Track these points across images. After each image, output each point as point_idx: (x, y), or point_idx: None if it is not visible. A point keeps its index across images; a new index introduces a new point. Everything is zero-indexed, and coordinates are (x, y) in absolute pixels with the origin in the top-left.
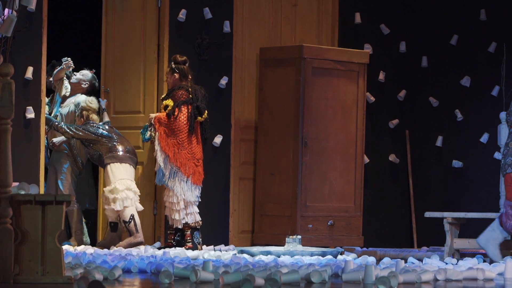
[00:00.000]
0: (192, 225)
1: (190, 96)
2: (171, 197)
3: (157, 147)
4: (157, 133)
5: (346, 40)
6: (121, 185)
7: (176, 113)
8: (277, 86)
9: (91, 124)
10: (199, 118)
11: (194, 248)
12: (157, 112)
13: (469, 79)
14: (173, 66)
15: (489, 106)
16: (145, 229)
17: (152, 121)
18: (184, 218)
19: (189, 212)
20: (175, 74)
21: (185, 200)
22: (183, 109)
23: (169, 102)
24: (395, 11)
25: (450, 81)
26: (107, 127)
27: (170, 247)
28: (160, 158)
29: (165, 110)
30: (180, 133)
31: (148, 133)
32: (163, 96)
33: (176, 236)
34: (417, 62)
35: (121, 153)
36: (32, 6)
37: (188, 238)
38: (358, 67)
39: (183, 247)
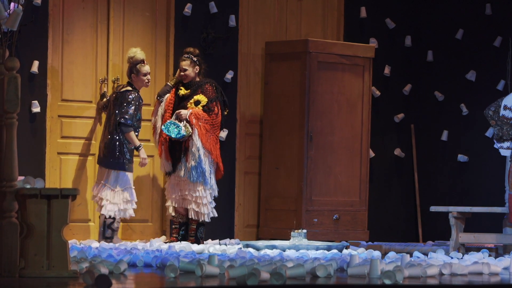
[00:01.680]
0: (201, 220)
1: (215, 90)
2: (198, 191)
3: (197, 142)
4: (195, 129)
5: (351, 35)
6: None
7: (216, 110)
8: (283, 80)
9: None
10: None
11: (196, 243)
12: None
13: (474, 73)
14: (195, 59)
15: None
16: (154, 222)
17: (187, 117)
18: (211, 212)
19: (212, 206)
20: (197, 67)
21: (211, 194)
22: (218, 104)
23: (202, 98)
24: (401, 6)
25: (456, 76)
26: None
27: (175, 242)
28: (201, 154)
29: (196, 105)
30: (218, 129)
31: (183, 129)
32: (183, 89)
33: (181, 230)
34: (423, 56)
35: None
36: (38, 0)
37: (192, 233)
38: (364, 62)
39: (187, 241)
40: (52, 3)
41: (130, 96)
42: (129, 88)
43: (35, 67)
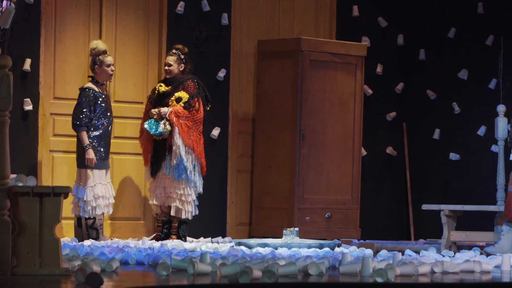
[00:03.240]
0: (183, 218)
1: (197, 86)
2: (183, 189)
3: (177, 141)
4: (175, 128)
5: (344, 33)
6: None
7: (197, 106)
8: (275, 78)
9: None
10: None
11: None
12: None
13: (466, 72)
14: (182, 56)
15: (487, 99)
16: (147, 221)
17: (168, 115)
18: (193, 210)
19: (196, 204)
20: (182, 65)
21: (196, 191)
22: (200, 100)
23: (183, 94)
24: (393, 4)
25: (448, 74)
26: None
27: (158, 239)
28: (182, 152)
29: (177, 102)
30: (201, 125)
31: (162, 127)
32: (163, 86)
33: (164, 228)
34: (415, 55)
35: None
36: None
37: (174, 230)
38: (356, 60)
39: (169, 239)
40: (45, 1)
41: (81, 98)
42: (86, 86)
43: (27, 65)
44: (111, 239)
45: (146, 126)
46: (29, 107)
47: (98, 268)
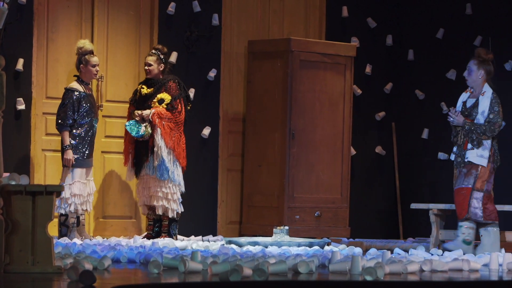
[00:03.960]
0: (171, 216)
1: (179, 87)
2: (168, 188)
3: (159, 142)
4: (158, 129)
5: (333, 34)
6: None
7: (179, 107)
8: (265, 78)
9: None
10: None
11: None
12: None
13: (454, 72)
14: (162, 56)
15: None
16: (138, 219)
17: (150, 117)
18: (179, 207)
19: (180, 202)
20: (162, 65)
21: (180, 190)
22: (182, 101)
23: (165, 96)
24: (382, 5)
25: (436, 74)
26: None
27: (149, 238)
28: (164, 153)
29: (159, 104)
30: (182, 126)
31: (143, 129)
32: (145, 88)
33: (155, 227)
34: (404, 55)
35: None
36: None
37: (165, 229)
38: (345, 60)
39: (159, 238)
40: (37, 1)
41: (65, 99)
42: (70, 86)
43: (20, 64)
44: (92, 238)
45: (127, 127)
46: (21, 106)
47: (90, 266)
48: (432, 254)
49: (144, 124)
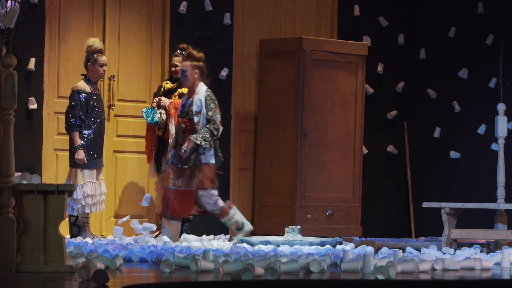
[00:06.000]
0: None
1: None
2: None
3: (173, 132)
4: (172, 119)
5: (345, 32)
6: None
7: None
8: (277, 77)
9: None
10: None
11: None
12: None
13: (466, 71)
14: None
15: (486, 98)
16: (150, 218)
17: (167, 106)
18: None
19: None
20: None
21: None
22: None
23: (186, 91)
24: (394, 4)
25: (448, 73)
26: None
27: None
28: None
29: (179, 98)
30: None
31: (158, 115)
32: (169, 84)
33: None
34: (415, 54)
35: None
36: None
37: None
38: (357, 59)
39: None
40: (49, 1)
41: (73, 100)
42: (78, 88)
43: (31, 64)
44: (94, 237)
45: (144, 113)
46: (33, 106)
47: (102, 265)
48: (444, 253)
49: (160, 111)
